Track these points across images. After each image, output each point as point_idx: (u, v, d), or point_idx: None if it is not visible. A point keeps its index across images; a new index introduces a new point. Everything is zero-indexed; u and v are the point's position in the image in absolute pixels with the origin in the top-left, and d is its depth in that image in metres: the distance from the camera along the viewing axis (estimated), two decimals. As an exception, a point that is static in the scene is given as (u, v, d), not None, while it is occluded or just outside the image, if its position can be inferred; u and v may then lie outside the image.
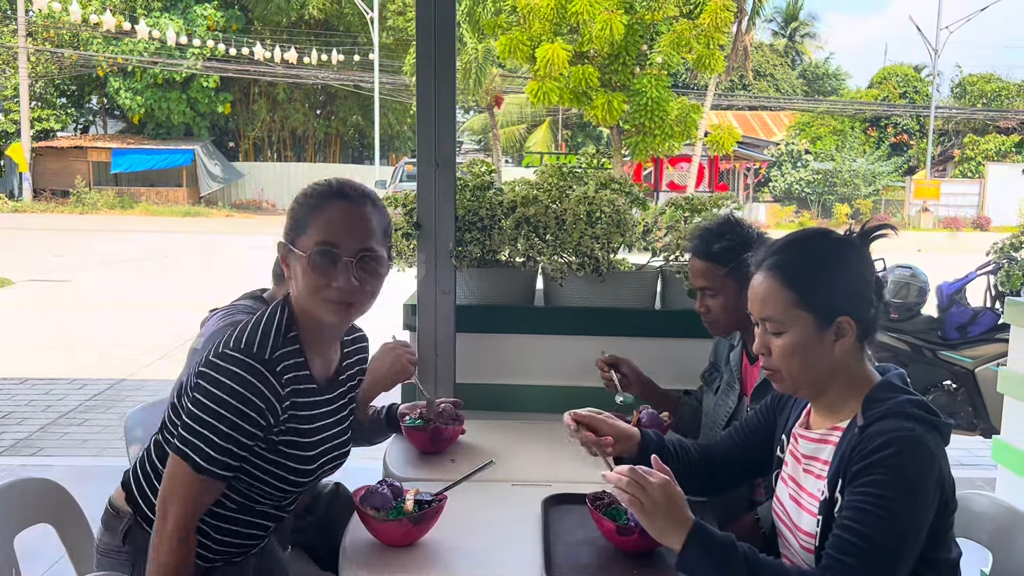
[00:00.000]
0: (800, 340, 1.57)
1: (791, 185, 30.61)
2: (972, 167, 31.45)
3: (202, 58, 27.52)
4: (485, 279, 3.07)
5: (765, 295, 1.60)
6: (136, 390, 6.69)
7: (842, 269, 1.59)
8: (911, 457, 1.45)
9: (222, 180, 29.45)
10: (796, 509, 1.65)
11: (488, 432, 2.43)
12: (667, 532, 1.47)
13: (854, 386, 1.60)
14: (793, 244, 1.64)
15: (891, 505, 1.42)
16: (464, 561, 1.72)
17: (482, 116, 28.55)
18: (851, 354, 1.59)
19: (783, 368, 1.61)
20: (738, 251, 2.10)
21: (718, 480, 1.92)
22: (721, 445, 1.93)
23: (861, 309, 1.57)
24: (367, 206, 1.68)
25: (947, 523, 1.54)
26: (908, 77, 34.95)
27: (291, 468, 1.72)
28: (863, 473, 1.46)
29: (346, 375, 1.86)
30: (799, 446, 1.69)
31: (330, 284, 1.63)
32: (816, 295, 1.57)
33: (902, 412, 1.50)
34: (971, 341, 5.14)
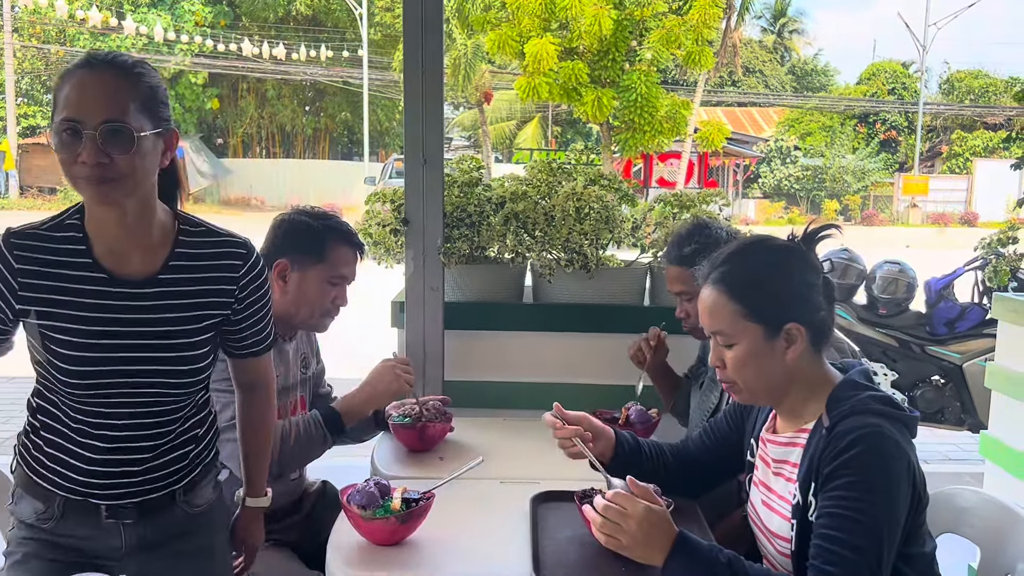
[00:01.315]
0: (751, 351, 1.58)
1: (780, 181, 30.68)
2: (960, 163, 31.60)
3: (190, 54, 27.38)
4: (473, 276, 3.06)
5: (712, 309, 1.62)
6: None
7: (786, 276, 1.60)
8: (879, 453, 1.46)
9: (211, 177, 29.29)
10: (768, 513, 1.66)
11: (476, 430, 2.43)
12: (650, 557, 1.47)
13: (815, 388, 1.60)
14: (735, 256, 1.65)
15: (867, 507, 1.42)
16: (452, 559, 1.71)
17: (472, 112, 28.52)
18: (806, 358, 1.59)
19: (738, 379, 1.62)
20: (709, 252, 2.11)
21: (692, 482, 1.93)
22: (693, 448, 1.94)
23: (809, 314, 1.58)
24: (111, 73, 1.52)
25: (920, 517, 1.55)
26: (896, 73, 35.05)
27: (62, 357, 1.59)
28: (834, 475, 1.46)
29: (177, 276, 1.63)
30: (768, 450, 1.70)
31: (76, 161, 1.50)
32: (762, 305, 1.58)
33: (866, 408, 1.51)
34: (959, 336, 5.17)
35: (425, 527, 1.75)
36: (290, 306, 2.16)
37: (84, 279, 1.58)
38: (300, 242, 2.17)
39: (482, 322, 3.06)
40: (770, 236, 1.71)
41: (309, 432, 2.02)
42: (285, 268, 2.14)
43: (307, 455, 2.03)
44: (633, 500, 1.50)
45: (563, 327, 3.05)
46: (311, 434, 2.02)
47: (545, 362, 3.05)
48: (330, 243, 2.18)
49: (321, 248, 2.16)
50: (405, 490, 1.76)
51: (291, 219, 2.22)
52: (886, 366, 5.08)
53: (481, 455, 1.94)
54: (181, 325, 1.62)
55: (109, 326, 1.58)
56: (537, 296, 3.13)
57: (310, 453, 2.04)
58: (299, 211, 2.27)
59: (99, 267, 1.59)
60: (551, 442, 2.40)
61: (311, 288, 2.16)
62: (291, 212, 2.27)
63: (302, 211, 2.27)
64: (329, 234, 2.19)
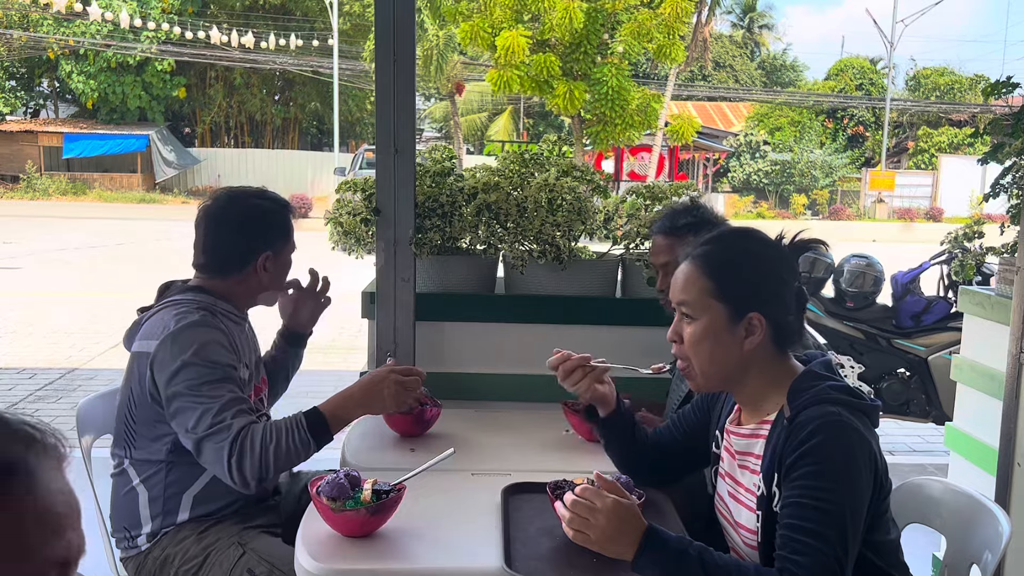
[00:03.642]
0: (709, 329, 1.60)
1: (749, 176, 30.91)
2: (926, 159, 32.02)
3: (156, 41, 26.99)
4: (445, 266, 3.04)
5: (685, 281, 1.64)
6: (88, 379, 6.56)
7: (761, 268, 1.62)
8: (840, 442, 1.47)
9: (177, 166, 28.94)
10: (736, 505, 1.67)
11: (448, 421, 2.42)
12: (620, 552, 1.47)
13: (775, 380, 1.61)
14: (720, 238, 1.68)
15: (830, 495, 1.43)
16: (423, 551, 1.70)
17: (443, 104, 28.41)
18: (765, 353, 1.60)
19: (692, 356, 1.63)
20: (701, 229, 2.13)
21: (663, 471, 1.94)
22: (663, 437, 1.94)
23: (775, 310, 1.59)
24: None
25: (884, 504, 1.56)
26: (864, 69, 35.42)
27: None
28: (797, 465, 1.47)
29: None
30: (732, 442, 1.71)
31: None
32: (731, 287, 1.59)
33: (827, 398, 1.52)
34: (924, 330, 5.23)
35: (396, 519, 1.74)
36: (262, 292, 2.21)
37: None
38: (275, 230, 2.19)
39: (454, 313, 3.05)
40: (758, 229, 1.72)
41: (292, 437, 1.90)
42: (269, 258, 2.16)
43: (288, 462, 1.92)
44: (601, 494, 1.49)
45: (535, 318, 3.04)
46: (293, 439, 1.90)
47: (517, 353, 3.04)
48: (290, 223, 2.23)
49: (288, 229, 2.21)
50: (375, 482, 1.74)
51: (258, 208, 2.15)
52: (853, 359, 5.13)
53: (452, 446, 1.93)
54: None
55: None
56: (509, 287, 3.12)
57: (292, 460, 1.93)
58: (250, 196, 2.17)
59: None
60: (522, 434, 2.41)
61: (284, 269, 2.23)
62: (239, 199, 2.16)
63: (253, 195, 2.18)
64: (288, 213, 2.23)
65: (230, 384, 1.94)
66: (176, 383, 1.91)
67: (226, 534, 2.02)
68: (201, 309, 2.04)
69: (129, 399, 2.03)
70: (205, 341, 1.96)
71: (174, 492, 2.05)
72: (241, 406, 1.93)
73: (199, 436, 1.88)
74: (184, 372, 1.91)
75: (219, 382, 1.92)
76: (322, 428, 1.95)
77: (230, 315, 2.12)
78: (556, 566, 1.61)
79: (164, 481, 2.04)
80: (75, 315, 9.04)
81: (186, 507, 2.06)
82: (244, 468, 1.86)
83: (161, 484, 2.04)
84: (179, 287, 2.16)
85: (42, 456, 0.83)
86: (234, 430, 1.87)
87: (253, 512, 2.12)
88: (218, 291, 2.13)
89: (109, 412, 2.28)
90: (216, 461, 1.88)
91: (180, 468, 2.04)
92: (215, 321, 2.03)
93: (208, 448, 1.88)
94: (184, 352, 1.93)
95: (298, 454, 1.92)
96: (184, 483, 2.05)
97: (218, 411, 1.88)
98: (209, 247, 2.15)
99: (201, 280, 2.16)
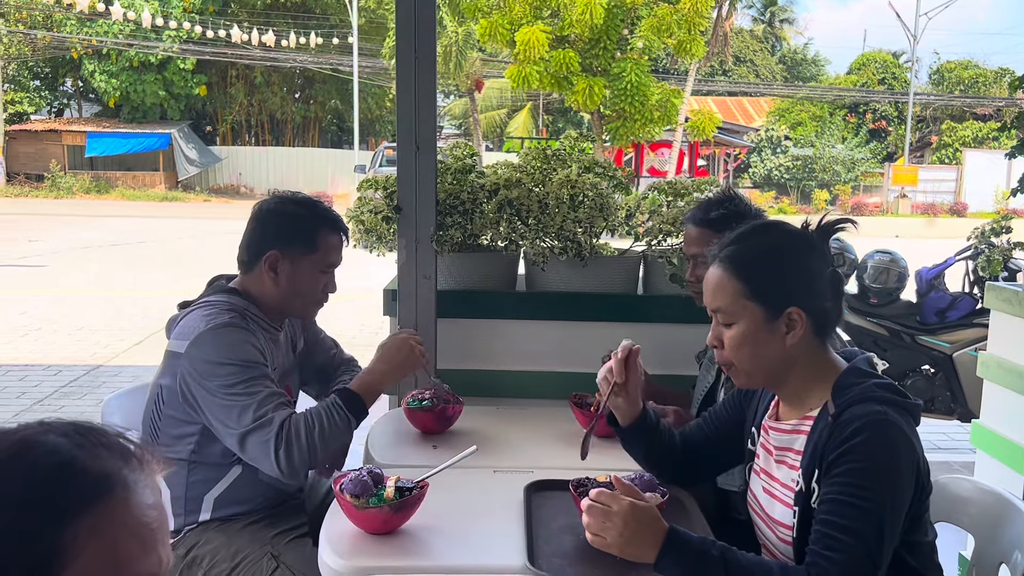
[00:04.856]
0: (749, 331, 1.57)
1: (771, 171, 30.71)
2: (950, 153, 31.69)
3: (178, 40, 27.17)
4: (466, 264, 3.04)
5: (716, 286, 1.61)
6: (113, 376, 6.62)
7: (792, 261, 1.59)
8: (884, 441, 1.45)
9: (199, 164, 29.13)
10: (770, 501, 1.65)
11: (470, 418, 2.41)
12: (640, 555, 1.45)
13: (819, 375, 1.59)
14: (745, 236, 1.64)
15: (869, 494, 1.41)
16: (446, 548, 1.70)
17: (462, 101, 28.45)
18: (808, 345, 1.58)
19: (735, 360, 1.61)
20: (735, 221, 2.10)
21: (694, 470, 1.92)
22: (693, 435, 1.92)
23: (812, 301, 1.57)
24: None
25: (923, 506, 1.54)
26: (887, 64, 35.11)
27: None
28: (839, 462, 1.45)
29: None
30: (770, 438, 1.68)
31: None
32: (764, 286, 1.57)
33: (873, 396, 1.50)
34: (949, 326, 5.18)
35: (418, 516, 1.74)
36: (284, 296, 2.14)
37: None
38: (291, 232, 2.12)
39: (475, 310, 3.05)
40: (783, 221, 1.70)
41: (333, 419, 1.95)
42: (276, 259, 2.10)
43: (334, 444, 1.97)
44: (617, 497, 1.47)
45: (556, 315, 3.04)
46: (334, 420, 1.95)
47: (538, 350, 3.04)
48: (321, 232, 2.14)
49: (312, 238, 2.13)
50: (399, 479, 1.74)
51: (278, 209, 2.17)
52: (876, 355, 5.09)
53: (474, 444, 1.92)
54: None
55: None
56: (530, 284, 3.11)
57: (337, 441, 1.98)
58: (284, 199, 2.21)
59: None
60: (545, 431, 2.40)
61: (304, 278, 2.14)
62: (275, 200, 2.21)
63: (287, 199, 2.22)
64: (319, 223, 2.15)
65: (265, 380, 1.97)
66: (211, 384, 1.93)
67: (257, 541, 2.02)
68: (231, 311, 2.05)
69: (158, 395, 2.05)
70: (235, 341, 1.97)
71: (195, 493, 2.06)
72: (280, 400, 1.96)
73: (243, 432, 1.90)
74: (218, 372, 1.93)
75: (254, 379, 1.94)
76: (358, 404, 2.02)
77: (260, 321, 2.12)
78: (579, 563, 1.61)
79: (186, 481, 2.05)
80: (99, 312, 9.13)
81: (207, 508, 2.06)
82: (292, 458, 1.89)
83: (183, 484, 2.05)
84: (219, 286, 2.19)
85: (137, 470, 0.84)
86: (276, 423, 1.90)
87: (282, 513, 2.12)
88: (251, 294, 2.15)
89: (134, 409, 2.30)
90: (263, 455, 1.90)
91: (202, 469, 2.05)
92: (244, 323, 2.04)
93: (253, 443, 1.90)
94: (216, 353, 1.95)
95: (341, 433, 1.98)
96: (206, 485, 2.06)
97: (258, 406, 1.91)
98: (240, 242, 2.18)
99: (237, 280, 2.19)
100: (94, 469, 0.81)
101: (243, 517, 2.08)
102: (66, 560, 0.77)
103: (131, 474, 0.83)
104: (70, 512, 0.78)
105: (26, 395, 6.03)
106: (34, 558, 0.76)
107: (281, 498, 2.15)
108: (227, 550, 2.00)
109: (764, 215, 2.22)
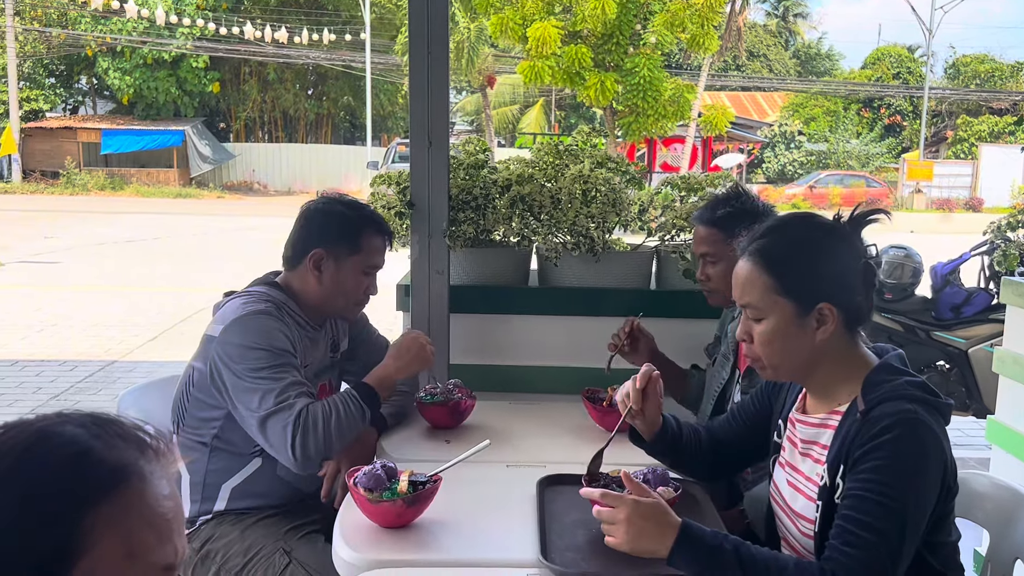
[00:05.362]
0: (779, 326, 1.56)
1: (784, 166, 30.59)
2: (965, 148, 31.45)
3: (191, 38, 27.26)
4: (479, 259, 3.04)
5: (745, 281, 1.59)
6: (128, 372, 6.67)
7: (823, 255, 1.56)
8: (913, 440, 1.43)
9: (213, 161, 29.24)
10: (793, 494, 1.64)
11: (482, 413, 2.42)
12: (652, 550, 1.44)
13: (849, 370, 1.57)
14: (775, 229, 1.62)
15: (894, 492, 1.40)
16: (458, 542, 1.71)
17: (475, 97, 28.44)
18: (839, 340, 1.56)
19: (763, 355, 1.59)
20: (742, 219, 2.09)
21: (720, 465, 1.92)
22: (720, 431, 1.91)
23: (844, 296, 1.54)
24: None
25: (949, 506, 1.52)
26: (902, 58, 34.89)
27: None
28: (865, 458, 1.44)
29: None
30: (797, 431, 1.67)
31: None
32: (795, 281, 1.55)
33: (904, 394, 1.48)
34: (964, 321, 5.15)
35: (432, 510, 1.74)
36: (325, 295, 2.19)
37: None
38: (336, 232, 2.19)
39: (488, 306, 3.05)
40: (814, 214, 1.68)
41: (348, 408, 2.02)
42: (321, 258, 2.17)
43: (348, 433, 2.02)
44: (621, 497, 1.47)
45: (569, 311, 3.04)
46: (349, 410, 2.02)
47: (551, 346, 3.04)
48: (365, 233, 2.21)
49: (357, 238, 2.19)
50: (412, 473, 1.75)
51: (325, 209, 2.24)
52: (891, 351, 5.06)
53: (487, 438, 1.93)
54: None
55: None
56: (543, 280, 3.11)
57: (352, 431, 2.03)
58: (332, 200, 2.29)
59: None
60: (557, 426, 2.40)
61: (347, 278, 2.19)
62: (323, 201, 2.28)
63: (335, 200, 2.29)
64: (364, 224, 2.22)
65: (292, 369, 2.02)
66: (239, 367, 1.98)
67: (271, 536, 2.04)
68: (269, 302, 2.11)
69: (190, 377, 2.11)
70: (267, 328, 2.04)
71: (213, 481, 2.10)
72: (303, 388, 2.01)
73: (264, 414, 1.94)
74: (247, 356, 1.99)
75: (281, 367, 2.00)
76: (372, 395, 2.09)
77: (298, 317, 2.17)
78: (592, 557, 1.61)
79: (206, 468, 2.10)
80: (114, 308, 9.19)
81: (224, 497, 2.10)
82: (308, 445, 1.94)
83: (203, 470, 2.10)
84: (263, 278, 2.25)
85: (153, 461, 0.85)
86: (297, 408, 1.94)
87: (295, 509, 2.14)
88: (293, 290, 2.20)
89: (149, 404, 2.34)
90: (280, 440, 1.94)
91: (222, 456, 2.09)
92: (278, 314, 2.10)
93: (272, 426, 1.94)
94: (247, 338, 2.01)
95: (356, 423, 2.04)
96: (225, 474, 2.10)
97: (281, 391, 1.96)
98: (287, 240, 2.24)
99: (282, 276, 2.25)
100: (111, 459, 0.82)
101: (257, 512, 2.10)
102: (83, 549, 0.78)
103: (147, 465, 0.84)
104: (87, 501, 0.79)
105: (42, 390, 6.08)
106: (51, 547, 0.77)
107: (298, 497, 2.17)
108: (240, 545, 2.03)
109: (774, 211, 2.20)
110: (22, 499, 0.77)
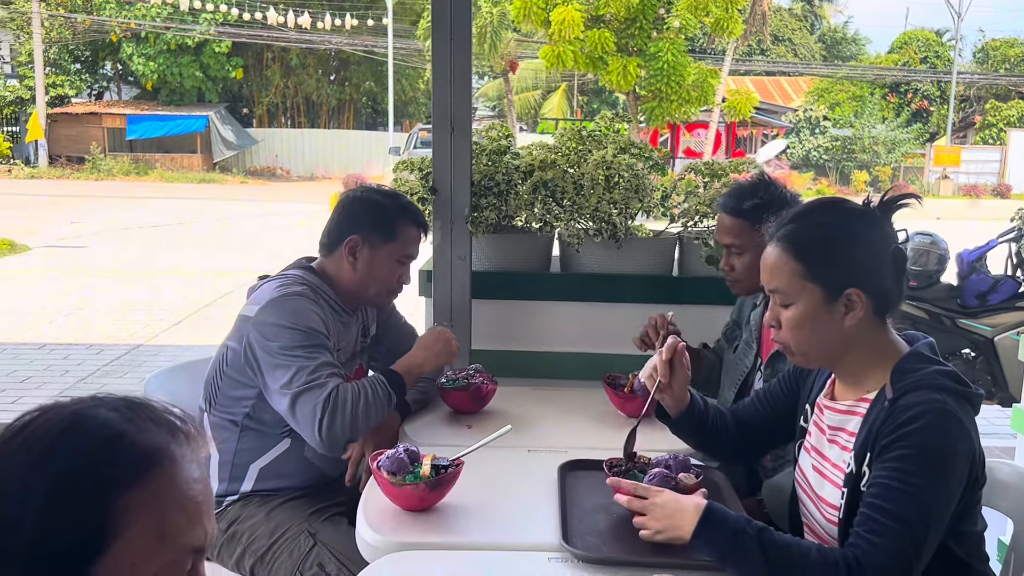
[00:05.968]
0: (808, 312, 1.55)
1: (809, 152, 30.26)
2: (993, 133, 31.01)
3: (214, 23, 27.33)
4: (501, 245, 3.05)
5: (774, 266, 1.58)
6: (154, 355, 6.75)
7: (852, 241, 1.55)
8: (941, 430, 1.42)
9: (236, 147, 29.37)
10: (819, 480, 1.63)
11: (504, 398, 2.43)
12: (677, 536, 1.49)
13: (879, 357, 1.56)
14: (804, 215, 1.61)
15: (919, 481, 1.40)
16: (480, 526, 1.72)
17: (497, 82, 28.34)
18: (868, 326, 1.55)
19: (791, 341, 1.58)
20: (769, 210, 2.07)
21: (745, 446, 1.92)
22: (746, 413, 1.91)
23: (872, 282, 1.53)
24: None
25: (976, 496, 1.52)
26: (929, 42, 34.36)
27: None
28: (892, 447, 1.43)
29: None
30: (824, 417, 1.66)
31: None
32: (823, 267, 1.54)
33: (933, 384, 1.47)
34: (990, 309, 5.10)
35: (454, 494, 1.76)
36: (359, 282, 2.23)
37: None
38: (373, 220, 2.22)
39: (510, 291, 3.06)
40: (843, 199, 1.66)
41: (376, 393, 2.06)
42: (356, 244, 2.20)
43: (375, 416, 2.06)
44: (652, 490, 1.54)
45: (591, 297, 3.04)
46: (377, 394, 2.06)
47: (572, 332, 3.04)
48: (401, 223, 2.24)
49: (393, 227, 2.22)
50: (434, 457, 1.76)
51: (363, 197, 2.28)
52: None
53: (509, 423, 1.94)
54: None
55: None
56: (565, 266, 3.11)
57: (377, 414, 2.07)
58: (369, 189, 2.34)
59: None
60: (578, 411, 2.41)
61: (381, 266, 2.23)
62: (361, 189, 2.34)
63: (372, 189, 2.34)
64: (400, 213, 2.25)
65: (324, 350, 2.06)
66: (273, 345, 2.02)
67: (296, 518, 2.08)
68: (304, 284, 2.15)
69: (223, 356, 2.14)
70: (302, 308, 2.07)
71: (242, 461, 2.14)
72: (334, 369, 2.04)
73: (295, 391, 1.97)
74: (282, 336, 2.02)
75: (314, 347, 2.03)
76: (399, 382, 2.13)
77: (332, 302, 2.20)
78: (613, 542, 1.62)
79: (235, 447, 2.13)
80: (139, 292, 9.28)
81: (251, 478, 2.14)
82: (335, 426, 1.97)
83: (232, 449, 2.13)
84: (298, 262, 2.29)
85: (184, 445, 0.86)
86: (328, 388, 1.98)
87: (321, 492, 2.17)
88: (328, 275, 2.24)
89: (175, 387, 2.38)
90: (308, 419, 1.97)
91: (252, 436, 2.13)
92: (315, 297, 2.14)
93: (302, 404, 1.97)
94: (282, 317, 2.04)
95: (383, 407, 2.08)
96: (254, 453, 2.14)
97: (313, 369, 2.00)
98: (324, 226, 2.28)
99: (317, 261, 2.29)
100: (143, 443, 0.83)
101: (283, 493, 2.13)
102: (116, 531, 0.79)
103: (178, 448, 0.85)
104: (120, 485, 0.80)
105: (69, 373, 6.17)
106: (85, 529, 0.78)
107: (324, 479, 2.20)
108: (266, 526, 2.06)
109: (800, 199, 2.18)
110: (56, 481, 0.79)
